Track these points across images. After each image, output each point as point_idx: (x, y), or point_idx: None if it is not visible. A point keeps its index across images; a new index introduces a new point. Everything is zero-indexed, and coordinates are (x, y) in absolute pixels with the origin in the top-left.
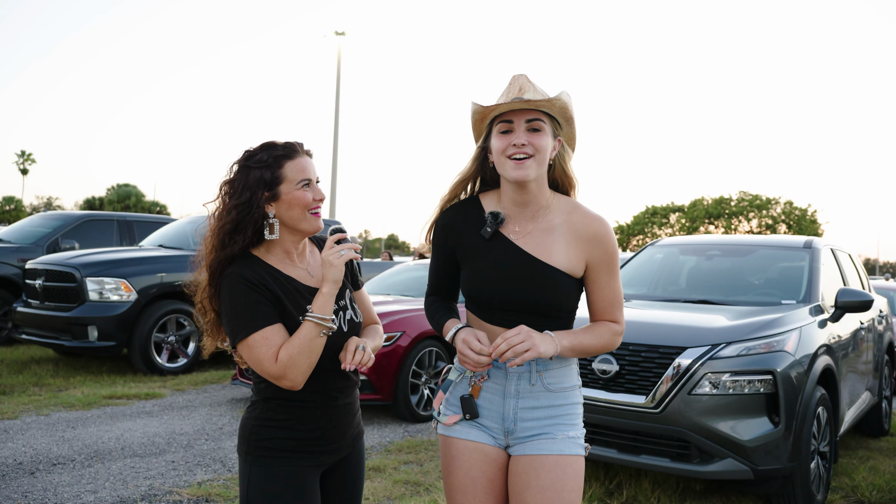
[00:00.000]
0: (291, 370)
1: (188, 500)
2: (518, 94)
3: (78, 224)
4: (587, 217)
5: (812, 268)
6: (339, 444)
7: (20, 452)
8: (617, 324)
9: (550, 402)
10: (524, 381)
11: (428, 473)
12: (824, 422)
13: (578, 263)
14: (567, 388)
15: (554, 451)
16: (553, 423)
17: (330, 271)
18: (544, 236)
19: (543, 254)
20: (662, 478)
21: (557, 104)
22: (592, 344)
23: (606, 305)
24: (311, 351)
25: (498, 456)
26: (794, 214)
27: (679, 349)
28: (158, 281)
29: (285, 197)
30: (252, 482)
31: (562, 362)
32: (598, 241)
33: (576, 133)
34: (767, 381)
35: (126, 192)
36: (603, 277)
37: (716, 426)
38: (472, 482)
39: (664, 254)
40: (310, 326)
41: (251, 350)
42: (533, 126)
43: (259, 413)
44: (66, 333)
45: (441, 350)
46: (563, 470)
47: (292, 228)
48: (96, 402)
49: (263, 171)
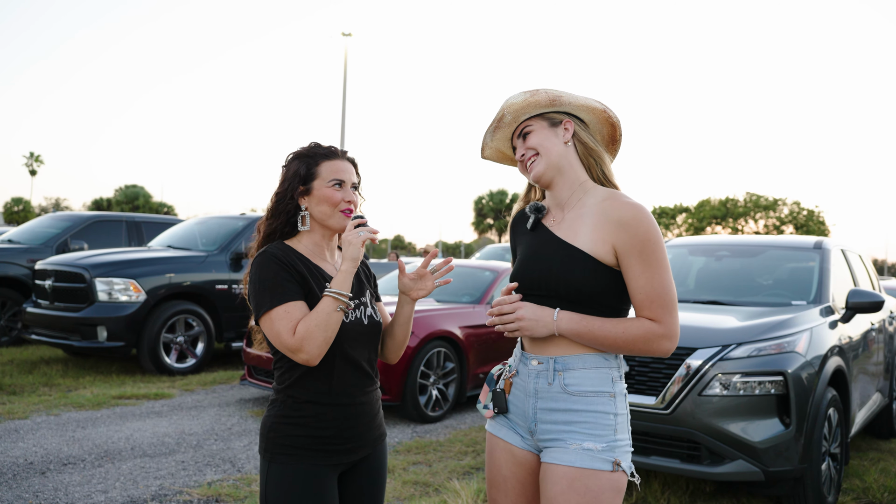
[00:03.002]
0: (308, 342)
1: (198, 500)
2: (495, 127)
3: (87, 225)
4: (619, 202)
5: (822, 268)
6: (356, 444)
7: (31, 452)
8: (657, 323)
9: (569, 407)
10: (542, 381)
11: (437, 474)
12: (835, 423)
13: (604, 247)
14: (589, 392)
15: (562, 462)
16: (569, 430)
17: (349, 250)
18: (575, 221)
19: (570, 236)
20: (672, 479)
21: (530, 104)
22: (610, 331)
23: (644, 300)
24: (328, 325)
25: (526, 459)
26: (802, 215)
27: (689, 350)
28: (167, 281)
29: (317, 193)
30: (270, 480)
31: (585, 363)
32: (624, 225)
33: (594, 104)
34: (778, 382)
35: (134, 193)
36: (635, 266)
37: (726, 427)
38: (503, 480)
39: (673, 254)
40: (328, 301)
41: (272, 323)
42: (523, 132)
43: (277, 410)
44: (75, 334)
45: (449, 351)
46: (568, 483)
47: (322, 224)
48: (106, 402)
49: (300, 166)
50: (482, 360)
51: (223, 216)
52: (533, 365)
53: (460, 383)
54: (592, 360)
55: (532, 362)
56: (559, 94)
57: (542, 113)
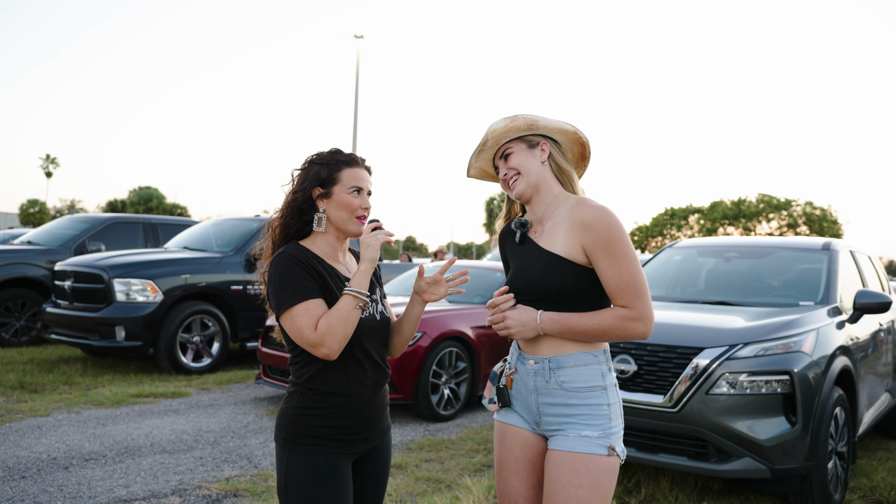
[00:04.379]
0: (329, 338)
1: (217, 495)
2: (480, 150)
3: (104, 227)
4: (583, 206)
5: (830, 269)
6: (369, 433)
7: (54, 448)
8: (628, 309)
9: (566, 401)
10: (540, 379)
11: (449, 471)
12: (842, 422)
13: (575, 248)
14: (583, 388)
15: (564, 448)
16: (569, 421)
17: (367, 251)
18: (552, 230)
19: (549, 244)
20: (681, 476)
21: (510, 129)
22: (586, 324)
23: (615, 290)
24: (347, 322)
25: (536, 441)
26: (815, 215)
27: (697, 349)
28: (183, 282)
29: (336, 197)
30: (290, 469)
31: (576, 361)
32: (588, 226)
33: (567, 127)
34: (784, 381)
35: (148, 195)
36: (602, 261)
37: (733, 425)
38: (514, 461)
39: (682, 255)
40: (348, 299)
41: (294, 319)
42: (504, 153)
43: (296, 402)
44: (94, 333)
45: (461, 350)
46: (570, 465)
47: (338, 228)
48: (124, 400)
49: (321, 170)
50: (493, 359)
51: (238, 218)
52: (530, 365)
53: (472, 383)
54: (583, 357)
55: (529, 362)
56: (536, 119)
57: (521, 136)
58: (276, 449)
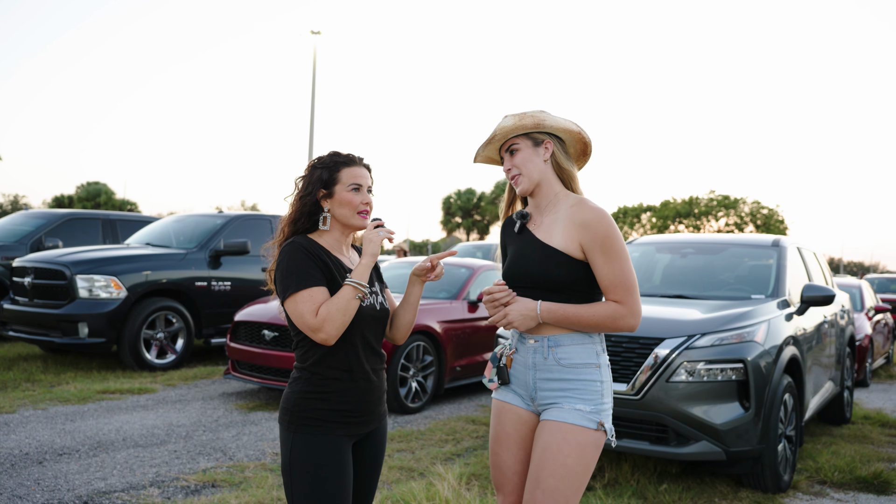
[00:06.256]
0: (328, 324)
1: (195, 486)
2: (487, 143)
3: (61, 223)
4: (584, 208)
5: (780, 265)
6: (369, 417)
7: (24, 444)
8: (620, 304)
9: (563, 377)
10: (539, 356)
11: (420, 460)
12: (791, 407)
13: (573, 244)
14: (579, 364)
15: (557, 419)
16: (564, 395)
17: (369, 246)
18: (552, 225)
19: (547, 237)
20: (641, 461)
21: (518, 126)
22: (582, 315)
23: (608, 286)
24: (346, 310)
25: (530, 418)
26: (762, 214)
27: (657, 340)
28: (147, 279)
29: (338, 196)
30: (294, 449)
31: (573, 339)
32: (587, 226)
33: (571, 126)
34: (739, 369)
35: (96, 190)
36: (598, 259)
37: (691, 411)
38: (506, 436)
39: (640, 252)
40: (348, 289)
41: (297, 304)
42: (510, 149)
43: (301, 386)
44: (56, 330)
45: (428, 345)
46: (562, 435)
47: (342, 223)
48: (90, 396)
49: (323, 172)
50: (459, 353)
51: (201, 214)
52: (530, 343)
53: (438, 376)
54: (579, 337)
55: (529, 341)
56: (543, 119)
57: (527, 133)
58: (280, 430)
